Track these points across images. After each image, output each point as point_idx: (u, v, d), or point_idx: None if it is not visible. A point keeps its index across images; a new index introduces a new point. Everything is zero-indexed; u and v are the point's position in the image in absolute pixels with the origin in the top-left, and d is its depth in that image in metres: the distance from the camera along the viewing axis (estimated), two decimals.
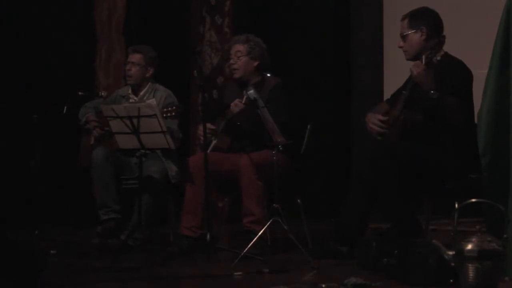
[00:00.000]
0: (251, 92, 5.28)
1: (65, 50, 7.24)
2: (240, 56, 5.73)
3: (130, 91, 6.12)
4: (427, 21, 5.18)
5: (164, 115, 5.45)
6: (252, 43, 5.75)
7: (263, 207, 5.50)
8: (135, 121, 5.32)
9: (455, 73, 5.04)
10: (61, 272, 5.03)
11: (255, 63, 5.74)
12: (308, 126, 5.81)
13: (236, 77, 5.79)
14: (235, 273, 4.80)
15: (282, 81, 5.76)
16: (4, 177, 6.83)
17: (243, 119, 5.55)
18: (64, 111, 5.90)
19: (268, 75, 5.75)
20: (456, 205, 3.92)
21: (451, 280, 4.15)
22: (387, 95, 5.69)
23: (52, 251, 5.50)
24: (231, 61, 5.78)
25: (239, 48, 5.75)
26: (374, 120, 5.21)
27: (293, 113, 5.60)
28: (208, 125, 5.53)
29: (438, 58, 4.99)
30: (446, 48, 5.18)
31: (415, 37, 5.19)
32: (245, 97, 5.47)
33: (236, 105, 5.53)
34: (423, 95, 4.92)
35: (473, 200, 3.95)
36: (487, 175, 4.38)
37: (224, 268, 4.98)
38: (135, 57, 6.08)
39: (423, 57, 4.97)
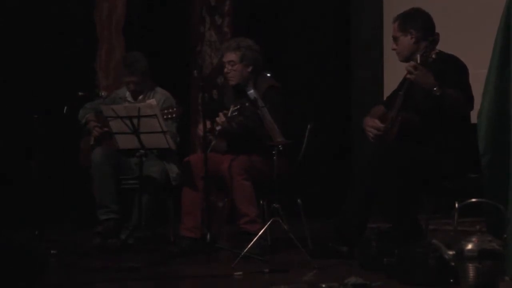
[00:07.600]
0: (251, 92, 5.27)
1: (65, 50, 7.24)
2: (234, 64, 5.70)
3: (127, 94, 6.09)
4: (416, 24, 5.19)
5: (165, 116, 5.44)
6: (244, 48, 5.70)
7: (254, 205, 5.50)
8: (135, 121, 5.32)
9: (451, 68, 5.05)
10: (61, 272, 5.04)
11: (250, 68, 5.71)
12: (308, 126, 5.80)
13: (232, 84, 5.77)
14: (235, 273, 4.80)
15: (277, 85, 5.69)
16: (4, 177, 6.82)
17: (229, 131, 5.57)
18: (64, 111, 5.90)
19: (268, 75, 5.73)
20: (456, 205, 3.92)
21: (451, 280, 4.15)
22: (387, 94, 5.69)
23: (52, 251, 5.49)
24: (225, 70, 5.76)
25: (231, 57, 5.71)
26: (372, 124, 5.21)
27: (287, 117, 5.55)
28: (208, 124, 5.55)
29: (433, 56, 5.00)
30: (447, 48, 5.17)
31: (405, 40, 5.21)
32: (230, 109, 5.47)
33: (220, 118, 5.53)
34: (425, 94, 4.92)
35: (473, 200, 3.95)
36: (487, 174, 4.37)
37: (224, 268, 4.98)
38: (132, 78, 6.01)
39: (418, 57, 4.99)
